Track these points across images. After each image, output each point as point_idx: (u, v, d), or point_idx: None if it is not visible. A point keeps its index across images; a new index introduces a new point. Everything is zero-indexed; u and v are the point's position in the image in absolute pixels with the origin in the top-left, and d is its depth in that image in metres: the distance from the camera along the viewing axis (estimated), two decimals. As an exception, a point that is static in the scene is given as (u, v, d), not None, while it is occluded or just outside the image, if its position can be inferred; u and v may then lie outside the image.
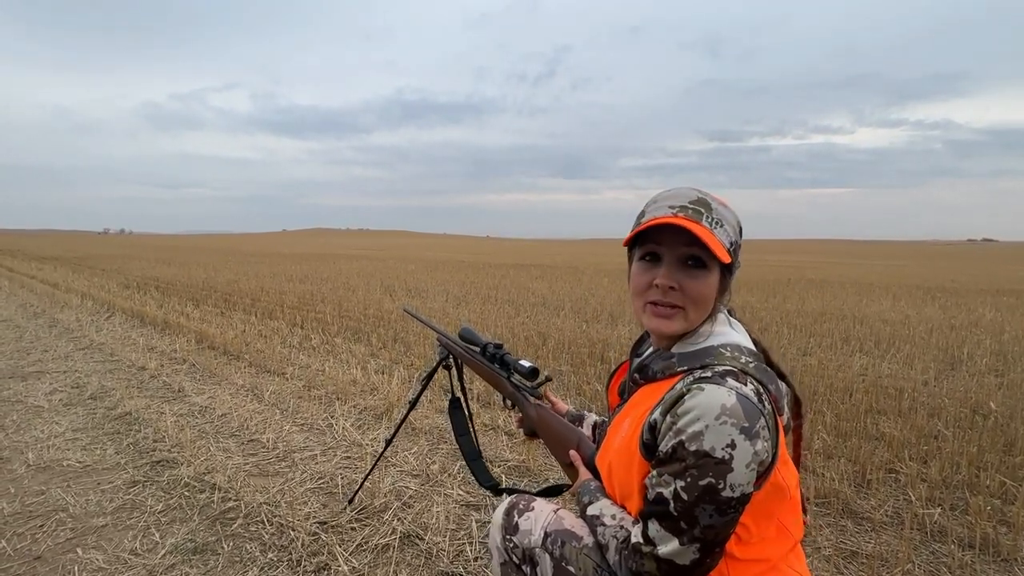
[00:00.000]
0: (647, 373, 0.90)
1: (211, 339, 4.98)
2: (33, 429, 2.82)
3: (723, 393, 0.74)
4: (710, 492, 0.72)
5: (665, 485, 0.76)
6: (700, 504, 0.73)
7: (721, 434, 0.71)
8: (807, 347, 5.06)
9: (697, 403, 0.74)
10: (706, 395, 0.74)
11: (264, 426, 2.88)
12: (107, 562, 1.71)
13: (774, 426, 0.77)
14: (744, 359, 0.81)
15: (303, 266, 16.04)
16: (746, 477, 0.72)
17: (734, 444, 0.71)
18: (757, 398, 0.75)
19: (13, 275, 11.97)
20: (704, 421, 0.72)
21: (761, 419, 0.73)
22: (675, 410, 0.76)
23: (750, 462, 0.72)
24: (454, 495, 2.14)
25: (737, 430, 0.71)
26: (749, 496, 0.74)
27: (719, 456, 0.71)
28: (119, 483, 2.24)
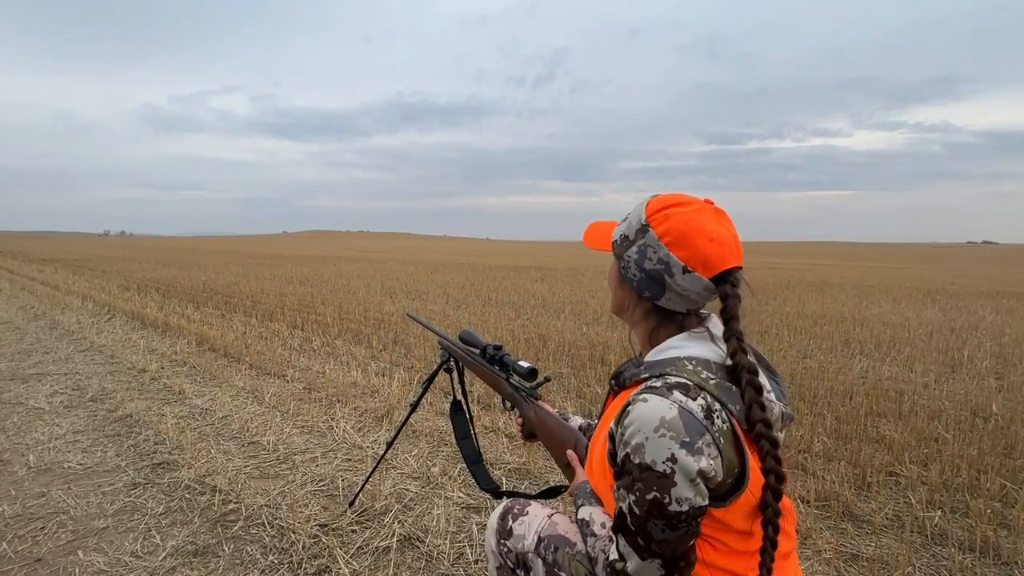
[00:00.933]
0: (620, 379, 0.90)
1: (212, 341, 4.98)
2: (34, 431, 2.82)
3: (664, 406, 0.73)
4: (657, 506, 0.72)
5: (622, 499, 0.76)
6: (650, 519, 0.73)
7: (660, 447, 0.71)
8: (807, 350, 5.06)
9: (638, 415, 0.74)
10: (647, 407, 0.74)
11: (265, 428, 2.88)
12: (108, 564, 1.72)
13: (731, 445, 0.75)
14: (706, 374, 0.79)
15: (303, 268, 16.05)
16: (691, 491, 0.71)
17: (675, 458, 0.71)
18: (704, 414, 0.73)
19: (14, 277, 11.98)
20: (644, 433, 0.72)
21: (706, 436, 0.72)
22: (622, 420, 0.76)
23: (694, 478, 0.71)
24: (455, 497, 2.15)
25: (677, 444, 0.71)
26: (703, 509, 0.73)
27: (660, 470, 0.71)
28: (120, 485, 2.24)
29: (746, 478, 0.76)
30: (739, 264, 0.83)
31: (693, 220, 0.81)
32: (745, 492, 0.77)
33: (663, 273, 0.82)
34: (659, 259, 0.82)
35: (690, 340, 0.85)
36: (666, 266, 0.82)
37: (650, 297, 0.85)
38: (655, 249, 0.82)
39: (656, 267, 0.82)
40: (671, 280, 0.82)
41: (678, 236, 0.81)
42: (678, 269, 0.81)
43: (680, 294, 0.83)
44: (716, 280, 0.81)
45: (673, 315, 0.87)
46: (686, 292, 0.82)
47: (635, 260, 0.85)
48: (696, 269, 0.80)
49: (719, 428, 0.74)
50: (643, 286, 0.85)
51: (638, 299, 0.88)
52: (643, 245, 0.84)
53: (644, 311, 0.89)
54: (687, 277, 0.81)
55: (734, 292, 0.81)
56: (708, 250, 0.80)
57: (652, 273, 0.83)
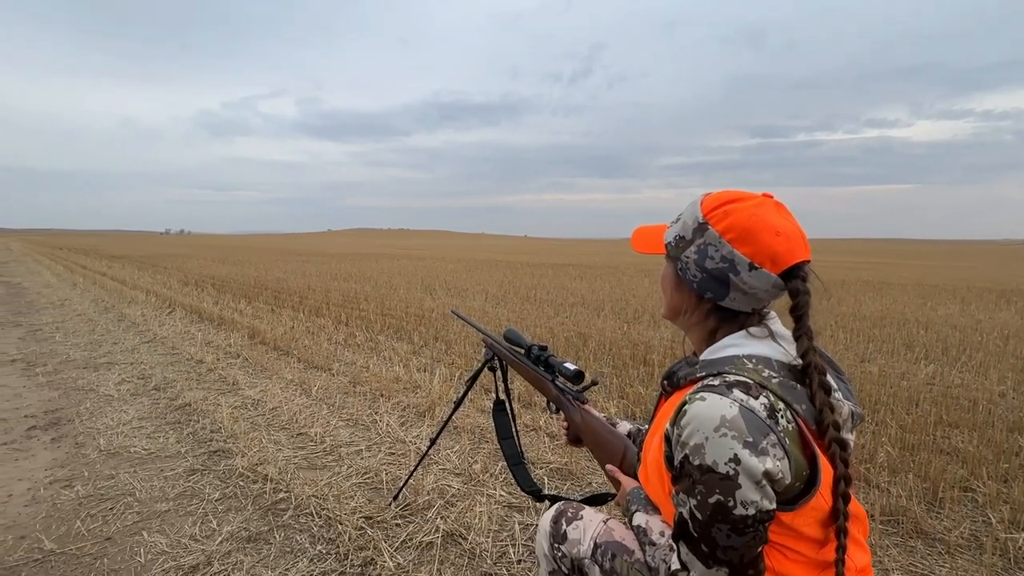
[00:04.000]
0: (674, 380, 0.87)
1: (262, 335, 5.19)
2: (104, 416, 3.01)
3: (724, 404, 0.70)
4: (721, 510, 0.68)
5: (682, 504, 0.73)
6: (714, 524, 0.69)
7: (722, 448, 0.67)
8: (866, 353, 4.77)
9: (695, 414, 0.71)
10: (706, 405, 0.70)
11: (312, 420, 2.97)
12: (169, 546, 1.80)
13: (798, 446, 0.71)
14: (768, 372, 0.75)
15: (346, 265, 16.53)
16: (757, 493, 0.67)
17: (738, 459, 0.67)
18: (767, 412, 0.70)
19: (87, 272, 12.91)
20: (703, 433, 0.69)
21: (771, 436, 0.68)
22: (678, 421, 0.73)
23: (760, 480, 0.67)
24: (496, 496, 2.14)
25: (740, 444, 0.67)
26: (771, 513, 0.69)
27: (723, 471, 0.67)
28: (180, 471, 2.36)
29: (817, 481, 0.72)
30: (808, 258, 0.78)
31: (756, 215, 0.77)
32: (816, 496, 0.72)
33: (727, 272, 0.78)
34: (722, 257, 0.78)
35: (749, 338, 0.81)
36: (730, 264, 0.77)
37: (712, 298, 0.81)
38: (717, 247, 0.78)
39: (719, 266, 0.78)
40: (736, 279, 0.78)
41: (742, 232, 0.77)
42: (744, 266, 0.77)
43: (746, 293, 0.79)
44: (785, 276, 0.77)
45: (735, 315, 0.83)
46: (753, 290, 0.78)
47: (695, 260, 0.81)
48: (764, 265, 0.76)
49: (784, 428, 0.70)
50: (705, 287, 0.81)
51: (698, 301, 0.84)
52: (703, 244, 0.80)
53: (704, 313, 0.85)
54: (754, 274, 0.77)
55: (804, 288, 0.77)
56: (775, 244, 0.76)
57: (715, 272, 0.79)
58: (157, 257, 20.59)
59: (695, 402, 0.72)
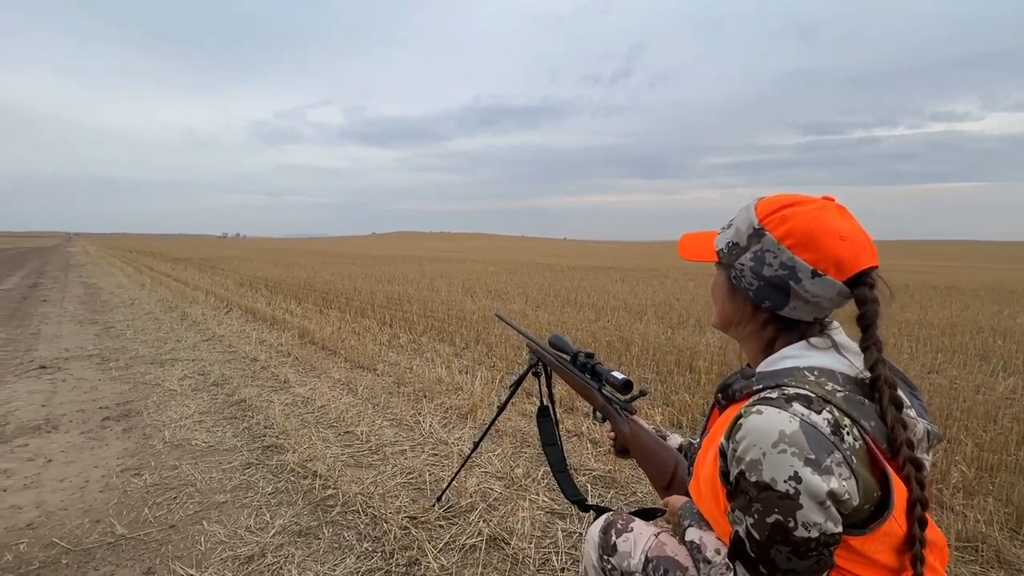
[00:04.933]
0: (729, 392, 0.83)
1: (311, 335, 5.39)
2: (169, 410, 3.21)
3: (783, 418, 0.65)
4: (780, 531, 0.64)
5: (738, 523, 0.70)
6: (773, 545, 0.65)
7: (781, 464, 0.63)
8: (934, 364, 4.44)
9: (752, 428, 0.67)
10: (763, 419, 0.67)
11: (358, 419, 3.05)
12: (227, 536, 1.89)
13: (866, 466, 0.66)
14: (832, 386, 0.70)
15: (390, 268, 16.95)
16: (822, 516, 0.63)
17: (798, 477, 0.63)
18: (831, 429, 0.65)
19: (153, 274, 13.83)
20: (760, 448, 0.65)
21: (835, 453, 0.64)
22: (733, 435, 0.70)
23: (824, 500, 0.63)
24: (539, 501, 2.12)
25: (800, 461, 0.63)
26: (836, 537, 0.64)
27: (782, 490, 0.63)
28: (236, 464, 2.48)
29: (889, 504, 0.67)
30: (875, 264, 0.74)
31: (818, 218, 0.73)
32: (889, 520, 0.67)
33: (787, 279, 0.74)
34: (781, 264, 0.74)
35: (810, 349, 0.76)
36: (791, 271, 0.74)
37: (770, 307, 0.78)
38: (775, 253, 0.75)
39: (779, 273, 0.75)
40: (798, 287, 0.74)
41: (803, 237, 0.73)
42: (806, 274, 0.73)
43: (808, 301, 0.74)
44: (851, 283, 0.73)
45: (796, 325, 0.79)
46: (816, 299, 0.74)
47: (751, 267, 0.77)
48: (828, 272, 0.72)
49: (850, 446, 0.66)
50: (762, 295, 0.77)
51: (755, 310, 0.81)
52: (760, 251, 0.76)
53: (761, 323, 0.81)
54: (817, 282, 0.72)
55: (872, 295, 0.72)
56: (840, 250, 0.71)
57: (774, 280, 0.75)
58: (215, 259, 21.81)
59: (751, 415, 0.68)
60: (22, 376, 3.94)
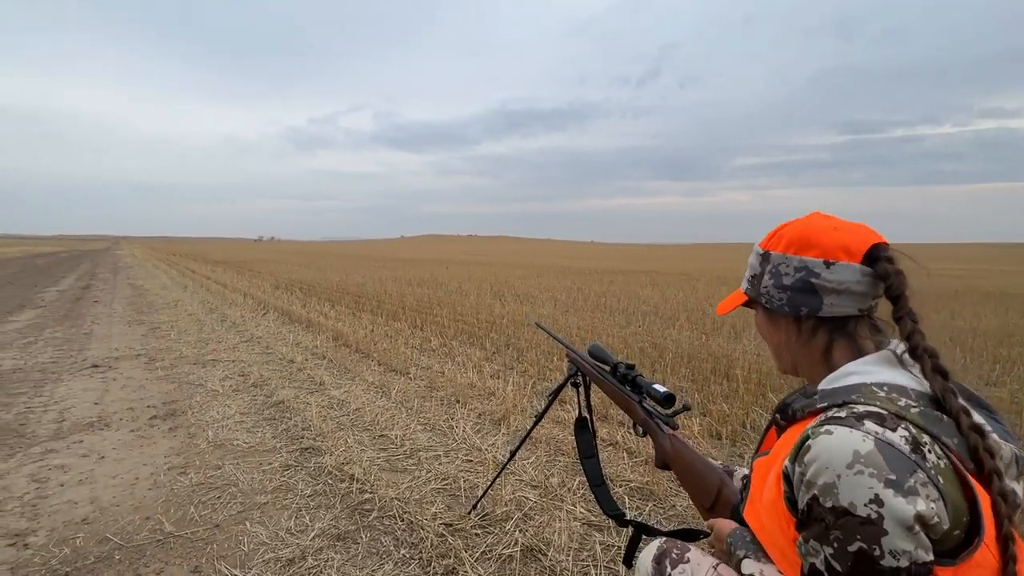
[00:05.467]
0: (788, 412, 0.80)
1: (345, 337, 5.49)
2: (211, 410, 3.31)
3: (856, 438, 0.62)
4: (866, 561, 0.59)
5: (814, 554, 0.64)
6: (850, 567, 0.60)
7: (859, 487, 0.59)
8: (991, 376, 4.19)
9: (823, 449, 0.63)
10: (834, 439, 0.63)
11: (392, 423, 3.08)
12: (268, 537, 1.93)
13: (954, 485, 0.62)
14: (905, 402, 0.67)
15: (419, 271, 17.16)
16: (911, 543, 0.58)
17: (880, 500, 0.58)
18: (911, 448, 0.61)
19: (195, 276, 14.39)
20: (834, 470, 0.61)
21: (919, 473, 0.60)
22: (801, 458, 0.66)
23: (912, 525, 0.58)
24: (576, 512, 2.08)
25: (881, 483, 0.59)
26: (928, 567, 0.59)
27: (863, 515, 0.59)
28: (276, 465, 2.53)
29: (980, 529, 0.61)
30: (883, 240, 0.75)
31: (808, 223, 0.79)
32: (981, 549, 0.61)
33: (807, 278, 0.76)
34: (795, 268, 0.77)
35: (875, 363, 0.73)
36: (807, 270, 0.76)
37: (809, 312, 0.78)
38: (786, 263, 0.79)
39: (797, 276, 0.77)
40: (819, 281, 0.75)
41: (801, 240, 0.77)
42: (820, 267, 0.75)
43: (839, 292, 0.75)
44: (869, 263, 0.73)
45: (843, 323, 0.77)
46: (844, 286, 0.74)
47: (773, 284, 0.81)
48: (839, 258, 0.74)
49: (934, 464, 0.61)
50: (796, 303, 0.78)
51: (796, 321, 0.80)
52: (773, 268, 0.81)
53: (809, 332, 0.80)
54: (834, 269, 0.74)
55: (894, 268, 0.73)
56: (839, 237, 0.75)
57: (797, 285, 0.77)
58: (252, 262, 22.54)
59: (820, 436, 0.64)
60: (77, 374, 4.14)
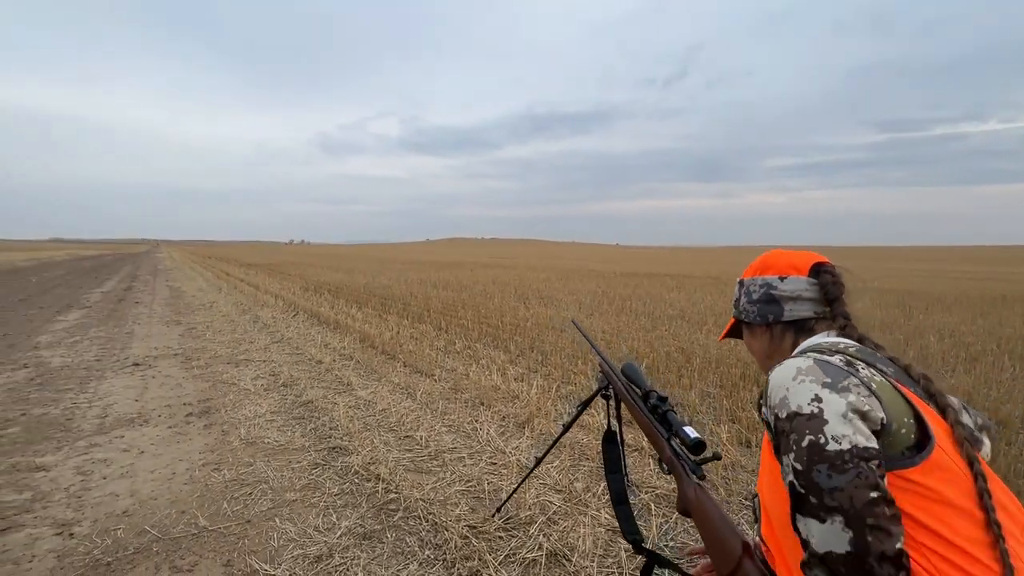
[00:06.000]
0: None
1: (372, 339, 5.57)
2: (243, 408, 3.41)
3: (798, 360, 0.76)
4: (815, 450, 0.67)
5: (787, 469, 0.72)
6: (812, 467, 0.67)
7: (802, 391, 0.71)
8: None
9: (774, 377, 0.76)
10: (782, 367, 0.76)
11: (417, 424, 3.11)
12: (297, 534, 1.97)
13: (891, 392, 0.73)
14: (843, 345, 0.83)
15: (444, 273, 17.31)
16: (848, 428, 0.67)
17: (819, 398, 0.70)
18: (844, 364, 0.75)
19: (229, 279, 14.87)
20: (784, 386, 0.74)
21: (851, 378, 0.72)
22: (764, 396, 0.78)
23: (845, 412, 0.68)
24: (601, 518, 2.06)
25: (818, 384, 0.71)
26: (870, 451, 0.66)
27: (807, 411, 0.70)
28: (305, 463, 2.58)
29: (929, 432, 0.70)
30: (826, 260, 0.95)
31: (767, 254, 1.01)
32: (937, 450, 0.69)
33: (768, 291, 0.96)
34: (759, 286, 0.98)
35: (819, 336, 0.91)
36: (767, 285, 0.97)
37: (775, 318, 0.95)
38: (752, 283, 1.00)
39: (761, 291, 0.97)
40: (777, 292, 0.95)
41: (761, 266, 0.99)
42: (776, 280, 0.95)
43: (793, 298, 0.93)
44: (812, 275, 0.93)
45: (804, 323, 0.94)
46: (796, 293, 0.93)
47: (746, 302, 1.00)
48: (790, 274, 0.95)
49: (867, 376, 0.73)
50: (764, 312, 0.97)
51: (767, 328, 0.98)
52: (745, 290, 1.01)
53: (779, 335, 0.96)
54: (787, 282, 0.94)
55: (831, 278, 0.92)
56: (790, 259, 0.96)
57: (762, 298, 0.97)
58: (283, 265, 23.15)
59: (773, 371, 0.78)
60: (119, 372, 4.32)
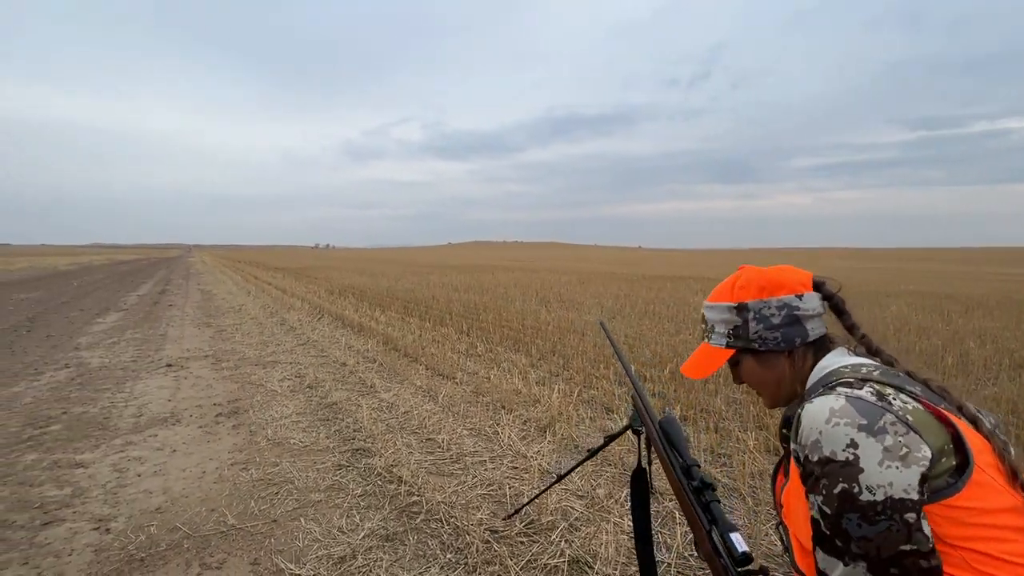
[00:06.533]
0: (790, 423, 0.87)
1: (394, 342, 5.63)
2: (270, 409, 3.48)
3: (830, 399, 0.71)
4: (847, 499, 0.65)
5: (813, 507, 0.70)
6: (842, 514, 0.65)
7: (837, 436, 0.67)
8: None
9: (806, 416, 0.72)
10: (814, 406, 0.72)
11: (439, 427, 3.12)
12: (322, 535, 2.00)
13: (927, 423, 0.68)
14: (866, 369, 0.78)
15: (465, 277, 17.40)
16: (885, 478, 0.63)
17: (855, 443, 0.66)
18: (876, 398, 0.70)
19: (257, 282, 15.25)
20: (816, 428, 0.69)
21: (887, 416, 0.67)
22: (795, 434, 0.74)
23: (882, 459, 0.64)
24: (624, 525, 2.03)
25: (854, 428, 0.66)
26: (908, 504, 0.62)
27: (842, 459, 0.66)
28: (329, 464, 2.62)
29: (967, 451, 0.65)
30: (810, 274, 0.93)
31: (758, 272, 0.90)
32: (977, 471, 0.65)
33: (792, 312, 0.86)
34: (777, 308, 0.86)
35: (838, 355, 0.85)
36: (787, 306, 0.86)
37: (802, 340, 0.87)
38: (767, 305, 0.87)
39: (782, 313, 0.86)
40: (800, 312, 0.86)
41: (768, 284, 0.88)
42: (795, 300, 0.86)
43: (813, 316, 0.87)
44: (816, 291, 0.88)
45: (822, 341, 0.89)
46: (815, 311, 0.87)
47: (764, 327, 0.87)
48: (801, 291, 0.87)
49: (901, 407, 0.68)
50: (789, 336, 0.87)
51: (790, 355, 0.88)
52: (756, 314, 0.87)
53: (801, 359, 0.88)
54: (805, 299, 0.86)
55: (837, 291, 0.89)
56: (793, 276, 0.89)
57: (785, 320, 0.86)
58: (309, 269, 23.65)
59: (804, 409, 0.73)
60: (153, 373, 4.48)
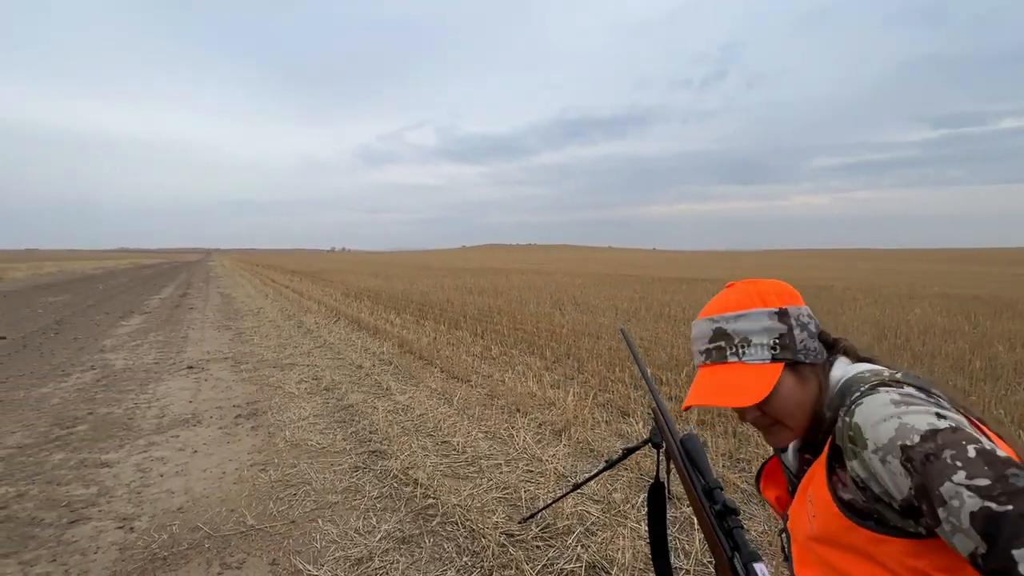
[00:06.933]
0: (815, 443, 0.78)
1: (410, 345, 5.67)
2: (288, 411, 3.53)
3: (882, 395, 0.65)
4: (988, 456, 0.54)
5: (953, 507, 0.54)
6: (1005, 471, 0.52)
7: (918, 415, 0.60)
8: None
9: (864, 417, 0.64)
10: (866, 407, 0.65)
11: (454, 430, 3.13)
12: (339, 536, 2.01)
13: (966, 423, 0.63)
14: (888, 373, 0.72)
15: (479, 280, 17.44)
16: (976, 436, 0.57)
17: (941, 415, 0.60)
18: (925, 394, 0.66)
19: (275, 285, 15.49)
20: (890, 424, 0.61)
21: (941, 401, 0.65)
22: (855, 451, 0.64)
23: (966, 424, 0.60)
24: (640, 531, 2.01)
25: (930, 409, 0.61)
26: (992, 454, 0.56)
27: (946, 425, 0.58)
28: (346, 466, 2.65)
29: None
30: None
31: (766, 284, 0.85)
32: None
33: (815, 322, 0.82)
34: (808, 314, 0.81)
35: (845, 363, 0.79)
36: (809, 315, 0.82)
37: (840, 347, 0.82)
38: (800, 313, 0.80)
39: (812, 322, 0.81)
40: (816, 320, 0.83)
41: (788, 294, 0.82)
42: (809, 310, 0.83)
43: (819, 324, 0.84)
44: None
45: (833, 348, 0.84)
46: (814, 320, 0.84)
47: (807, 336, 0.79)
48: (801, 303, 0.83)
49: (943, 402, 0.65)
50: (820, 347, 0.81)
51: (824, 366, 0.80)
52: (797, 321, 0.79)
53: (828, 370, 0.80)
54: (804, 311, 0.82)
55: None
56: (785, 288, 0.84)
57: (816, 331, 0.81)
58: (325, 272, 23.94)
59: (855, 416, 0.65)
60: (175, 375, 4.57)
